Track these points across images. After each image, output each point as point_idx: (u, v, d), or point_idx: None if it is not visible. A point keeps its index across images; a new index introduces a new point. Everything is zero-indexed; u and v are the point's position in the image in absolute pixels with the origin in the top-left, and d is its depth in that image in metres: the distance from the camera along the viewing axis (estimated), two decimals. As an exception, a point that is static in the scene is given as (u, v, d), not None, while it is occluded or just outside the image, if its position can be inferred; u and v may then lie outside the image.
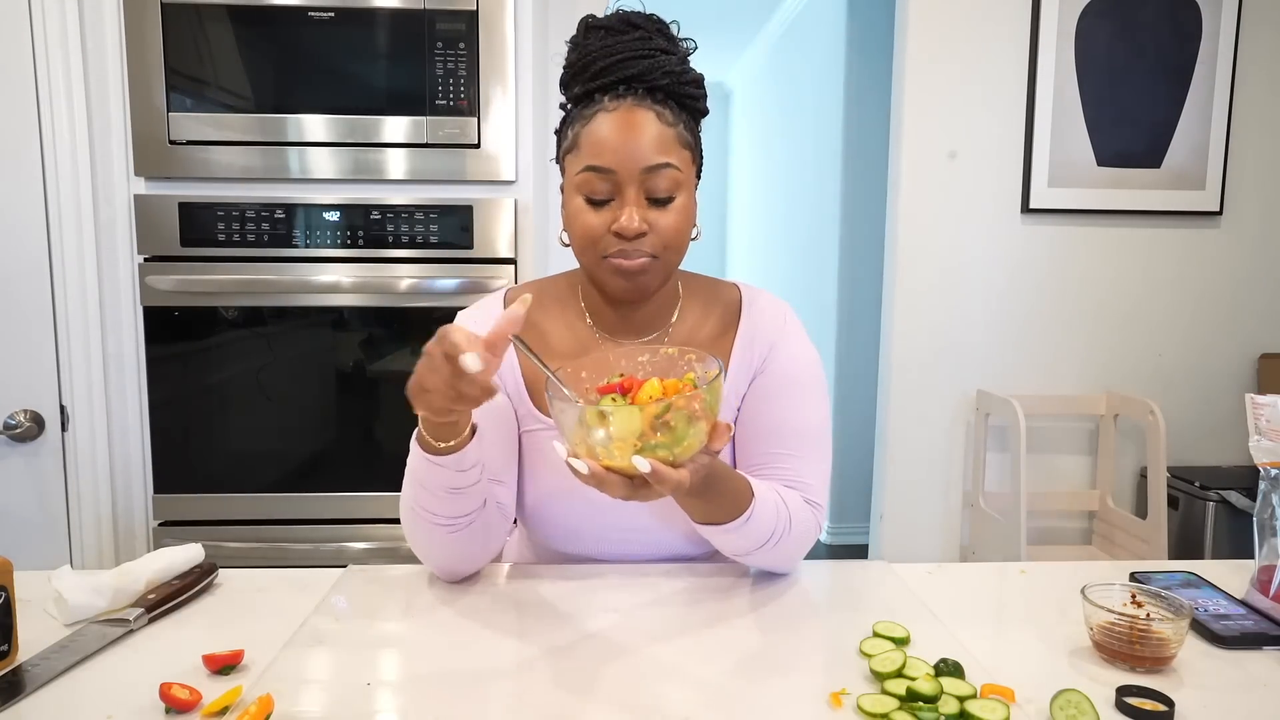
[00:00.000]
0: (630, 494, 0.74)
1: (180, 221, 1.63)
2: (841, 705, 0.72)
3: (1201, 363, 2.51)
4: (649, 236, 0.92)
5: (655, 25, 0.96)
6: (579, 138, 0.93)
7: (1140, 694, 0.73)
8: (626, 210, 0.91)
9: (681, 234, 0.95)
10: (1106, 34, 2.35)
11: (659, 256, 0.94)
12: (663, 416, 0.72)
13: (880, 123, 2.64)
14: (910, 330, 2.46)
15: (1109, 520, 2.46)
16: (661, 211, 0.92)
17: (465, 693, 0.75)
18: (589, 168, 0.91)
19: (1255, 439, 0.90)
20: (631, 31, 0.94)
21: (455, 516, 0.90)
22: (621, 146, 0.90)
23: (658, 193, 0.92)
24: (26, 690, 0.73)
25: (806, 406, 1.01)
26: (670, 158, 0.91)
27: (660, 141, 0.91)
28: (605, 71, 0.93)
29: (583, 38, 0.96)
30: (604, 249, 0.93)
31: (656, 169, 0.91)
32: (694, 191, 0.98)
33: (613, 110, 0.91)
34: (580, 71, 0.95)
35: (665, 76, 0.93)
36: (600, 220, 0.92)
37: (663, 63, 0.93)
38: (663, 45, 0.94)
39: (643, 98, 0.92)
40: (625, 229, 0.90)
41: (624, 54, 0.92)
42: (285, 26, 1.62)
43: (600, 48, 0.93)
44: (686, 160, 0.94)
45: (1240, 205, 2.45)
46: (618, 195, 0.92)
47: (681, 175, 0.93)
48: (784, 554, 0.96)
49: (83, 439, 1.64)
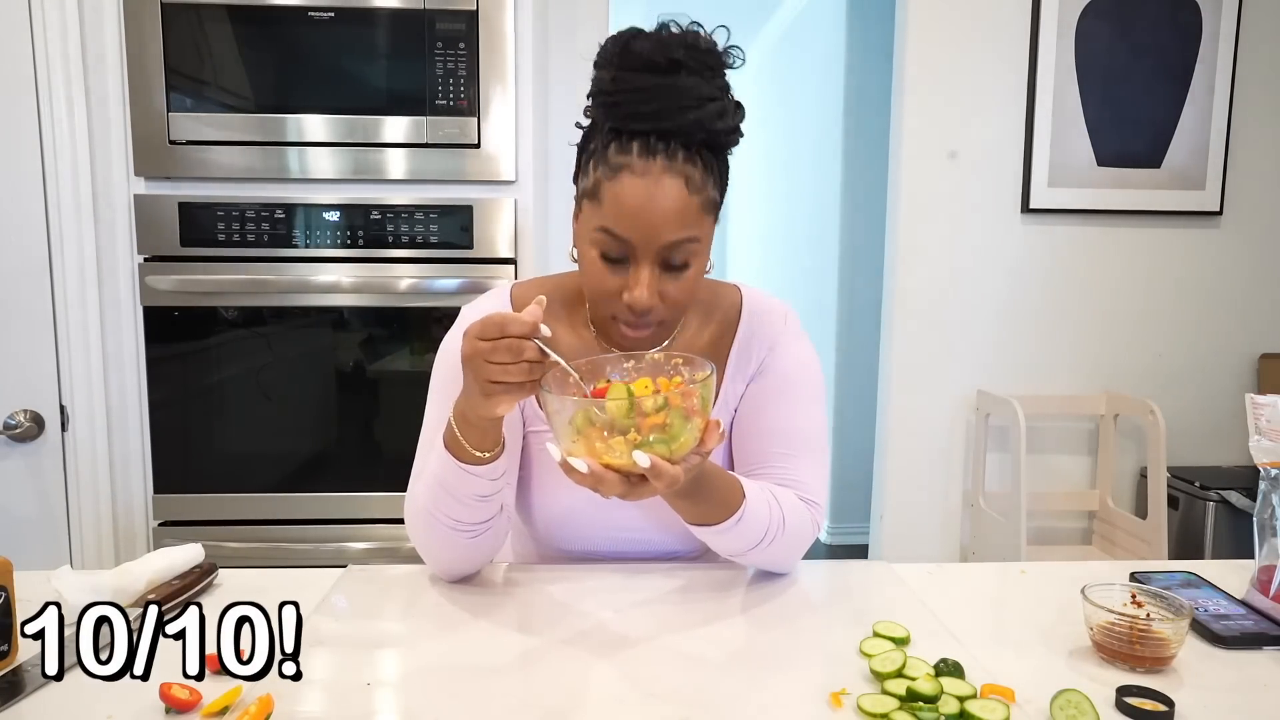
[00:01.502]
0: (627, 492, 0.74)
1: (180, 221, 1.63)
2: (841, 705, 0.72)
3: (1201, 363, 2.51)
4: (660, 306, 0.90)
5: (700, 61, 0.86)
6: (600, 188, 0.87)
7: (1140, 694, 0.73)
8: (639, 287, 0.87)
9: (692, 297, 0.93)
10: (1106, 34, 2.34)
11: (665, 320, 0.93)
12: (662, 409, 0.73)
13: (880, 123, 2.64)
14: (910, 330, 2.46)
15: (1109, 520, 2.46)
16: (675, 279, 0.89)
17: (465, 692, 0.74)
18: (606, 230, 0.87)
19: (1255, 439, 0.90)
20: (674, 73, 0.85)
21: (478, 523, 0.90)
22: (642, 218, 0.85)
23: (673, 262, 0.88)
24: (26, 690, 0.73)
25: (804, 408, 1.01)
26: (692, 231, 0.87)
27: (683, 215, 0.86)
28: (640, 119, 0.85)
29: (619, 63, 0.87)
30: (612, 311, 0.91)
31: (676, 245, 0.87)
32: (710, 241, 0.93)
33: (640, 174, 0.85)
34: (612, 107, 0.87)
35: (703, 133, 0.86)
36: (614, 283, 0.89)
37: (704, 116, 0.85)
38: (708, 92, 0.86)
39: (674, 154, 0.85)
40: (636, 305, 0.88)
41: (664, 103, 0.84)
42: (285, 26, 1.62)
43: (637, 89, 0.85)
44: (708, 225, 0.90)
45: (1240, 205, 2.45)
46: (632, 262, 0.88)
47: (701, 245, 0.89)
48: (780, 553, 0.96)
49: (82, 439, 1.64)
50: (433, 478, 0.89)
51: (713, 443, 0.77)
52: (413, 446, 0.97)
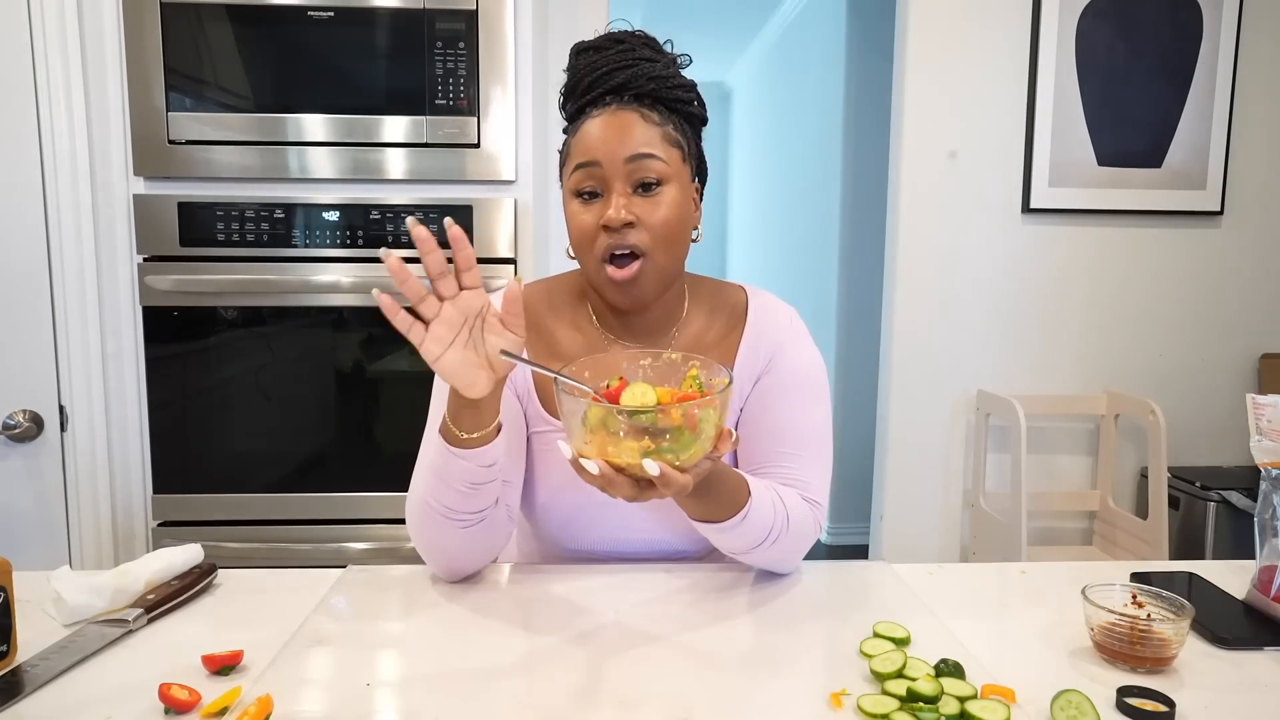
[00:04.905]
0: (635, 495, 0.75)
1: (179, 221, 1.62)
2: (842, 705, 0.72)
3: (1202, 363, 2.51)
4: (636, 229, 0.93)
5: (641, 39, 0.99)
6: (570, 147, 0.98)
7: (1141, 694, 0.73)
8: (614, 202, 0.93)
9: (671, 228, 0.95)
10: (1107, 34, 2.35)
11: (649, 254, 0.94)
12: (680, 427, 0.73)
13: (880, 123, 2.64)
14: (910, 330, 2.46)
15: (1110, 520, 2.46)
16: (649, 201, 0.94)
17: (465, 692, 0.74)
18: (577, 166, 0.95)
19: (1256, 439, 0.90)
20: (616, 46, 0.98)
21: (470, 512, 0.90)
22: (606, 141, 0.93)
23: (643, 183, 0.94)
24: (26, 691, 0.73)
25: (809, 408, 1.02)
26: (654, 149, 0.94)
27: (645, 136, 0.94)
28: (592, 86, 0.97)
29: (574, 61, 1.01)
30: (598, 250, 0.94)
31: (640, 158, 0.93)
32: (689, 190, 0.98)
33: (597, 116, 0.95)
34: (571, 92, 1.00)
35: (650, 82, 0.96)
36: (591, 216, 0.95)
37: (646, 69, 0.96)
38: (647, 55, 0.98)
39: (628, 103, 0.95)
40: (611, 220, 0.92)
41: (608, 66, 0.96)
42: (285, 26, 1.62)
43: (587, 65, 0.98)
44: (675, 157, 0.96)
45: (1241, 205, 2.45)
46: (606, 191, 0.94)
47: (667, 168, 0.94)
48: (783, 552, 0.96)
49: (82, 439, 1.64)
50: (428, 465, 0.91)
51: (724, 450, 0.78)
52: (412, 446, 0.97)
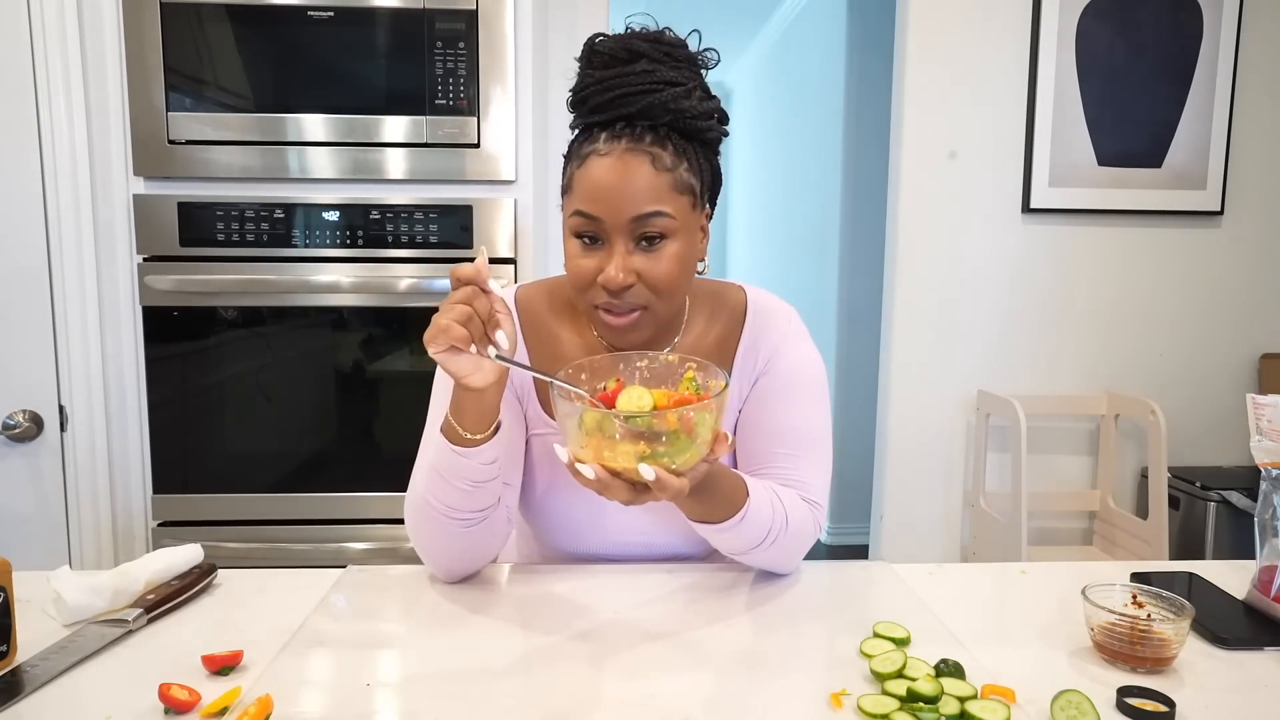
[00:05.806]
0: (632, 498, 0.75)
1: (179, 221, 1.62)
2: (842, 706, 0.72)
3: (1202, 363, 2.51)
4: (637, 287, 0.89)
5: (663, 51, 0.89)
6: (573, 180, 0.90)
7: (1141, 694, 0.73)
8: (613, 262, 0.87)
9: (673, 281, 0.90)
10: (1107, 34, 2.34)
11: (649, 307, 0.91)
12: (675, 431, 0.73)
13: (880, 123, 2.64)
14: (910, 330, 2.46)
15: (1110, 520, 2.46)
16: (652, 257, 0.88)
17: (465, 693, 0.74)
18: (578, 212, 0.89)
19: (1256, 439, 0.90)
20: (635, 62, 0.88)
21: (470, 512, 0.90)
22: (610, 195, 0.86)
23: (646, 238, 0.88)
24: (26, 691, 0.73)
25: (808, 409, 1.01)
26: (662, 205, 0.87)
27: (652, 190, 0.87)
28: (602, 108, 0.88)
29: (586, 63, 0.91)
30: (593, 299, 0.91)
31: (645, 218, 0.87)
32: (696, 234, 0.94)
33: (605, 155, 0.87)
34: (579, 104, 0.91)
35: (667, 114, 0.87)
36: (590, 264, 0.89)
37: (666, 98, 0.87)
38: (668, 76, 0.88)
39: (640, 137, 0.87)
40: (609, 282, 0.87)
41: (623, 89, 0.87)
42: (284, 26, 1.62)
43: (598, 81, 0.89)
44: (684, 206, 0.89)
45: (1241, 205, 2.45)
46: (606, 242, 0.89)
47: (674, 222, 0.88)
48: (782, 553, 0.96)
49: (81, 439, 1.64)
50: (429, 464, 0.90)
51: (720, 453, 0.77)
52: (412, 446, 0.97)
